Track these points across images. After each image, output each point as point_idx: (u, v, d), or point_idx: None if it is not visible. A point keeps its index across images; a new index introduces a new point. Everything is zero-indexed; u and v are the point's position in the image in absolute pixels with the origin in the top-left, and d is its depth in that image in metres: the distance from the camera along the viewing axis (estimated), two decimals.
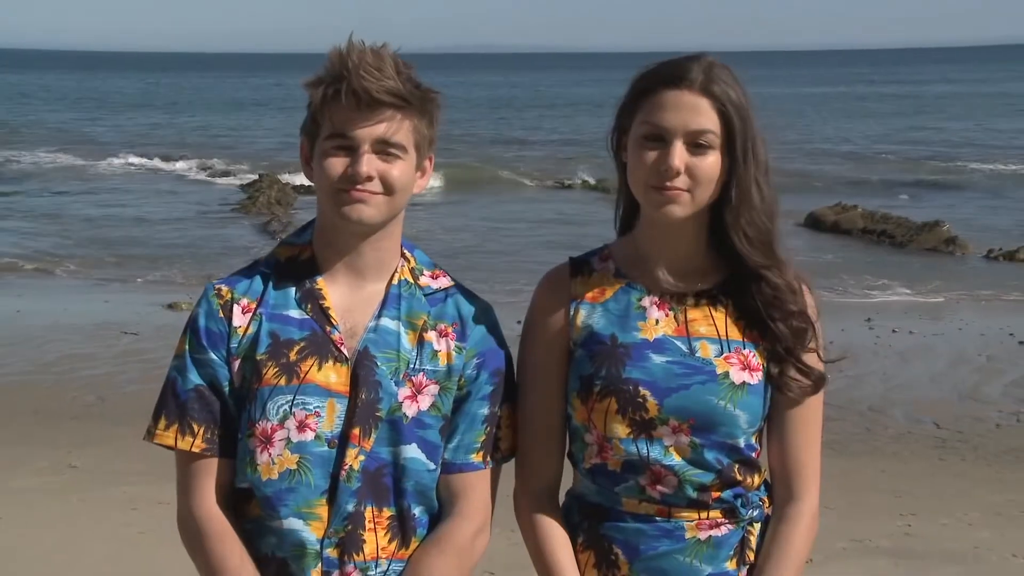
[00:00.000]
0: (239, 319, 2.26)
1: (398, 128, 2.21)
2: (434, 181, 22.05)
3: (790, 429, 2.33)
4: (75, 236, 17.27)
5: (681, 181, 2.20)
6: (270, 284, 2.29)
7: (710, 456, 2.25)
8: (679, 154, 2.19)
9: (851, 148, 31.78)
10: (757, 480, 2.34)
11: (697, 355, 2.27)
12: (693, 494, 2.27)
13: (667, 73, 2.23)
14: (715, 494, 2.28)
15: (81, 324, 10.63)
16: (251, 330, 2.25)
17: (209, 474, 2.25)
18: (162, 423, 2.25)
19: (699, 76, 2.20)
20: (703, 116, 2.20)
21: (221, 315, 2.26)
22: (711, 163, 2.21)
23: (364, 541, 2.24)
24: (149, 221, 19.07)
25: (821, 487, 2.37)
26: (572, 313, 2.33)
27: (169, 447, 2.26)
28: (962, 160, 28.59)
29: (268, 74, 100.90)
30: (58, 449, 7.09)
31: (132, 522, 5.87)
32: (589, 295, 2.34)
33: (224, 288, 2.29)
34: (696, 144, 2.20)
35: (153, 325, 10.49)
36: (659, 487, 2.26)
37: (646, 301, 2.31)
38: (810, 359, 2.30)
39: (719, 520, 2.29)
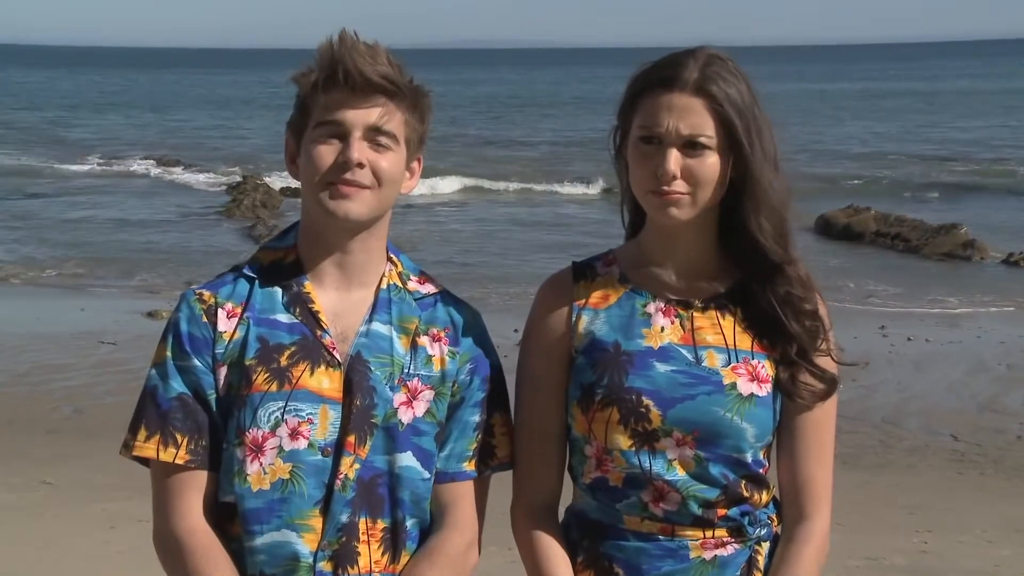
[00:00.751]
0: (224, 324, 2.26)
1: (390, 117, 2.23)
2: (453, 185, 22.10)
3: (801, 444, 2.33)
4: (49, 241, 17.27)
5: (679, 185, 2.22)
6: (255, 288, 2.29)
7: (715, 471, 2.25)
8: (674, 158, 2.21)
9: (866, 148, 31.82)
10: (765, 497, 2.33)
11: (703, 364, 2.27)
12: (698, 511, 2.26)
13: (661, 74, 2.24)
14: (721, 512, 2.28)
15: (56, 333, 10.63)
16: (238, 335, 2.25)
17: (192, 487, 2.23)
18: (142, 434, 2.23)
19: (693, 75, 2.21)
20: (697, 118, 2.21)
21: (205, 320, 2.26)
22: (709, 164, 2.22)
23: (358, 553, 2.24)
24: (128, 225, 19.07)
25: (833, 502, 2.36)
26: (574, 319, 2.34)
27: (150, 459, 2.23)
28: (982, 160, 28.62)
29: (251, 71, 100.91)
30: (32, 464, 7.09)
31: (111, 540, 5.87)
32: (592, 300, 2.35)
33: (206, 293, 2.29)
34: (692, 146, 2.21)
35: (132, 334, 10.49)
36: (662, 504, 2.26)
37: (651, 307, 2.32)
38: (822, 362, 2.31)
39: (725, 539, 2.29)
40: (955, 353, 10.36)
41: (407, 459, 2.26)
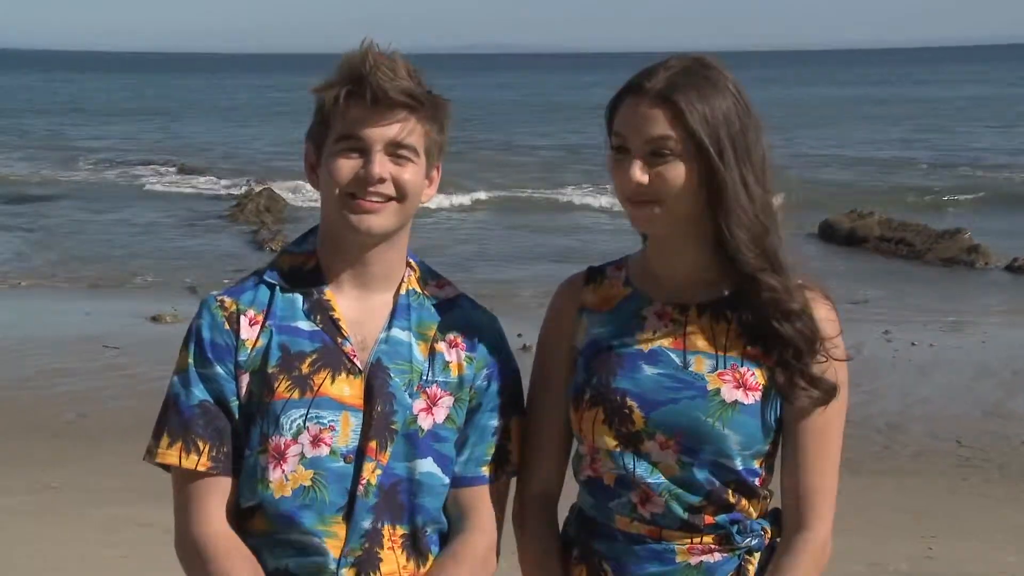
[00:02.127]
0: (247, 332, 2.28)
1: (411, 131, 2.25)
2: (458, 191, 21.38)
3: (802, 452, 2.32)
4: (53, 245, 17.29)
5: (647, 193, 2.22)
6: (276, 295, 2.31)
7: (699, 476, 2.26)
8: (638, 167, 2.22)
9: (870, 153, 31.80)
10: (759, 507, 2.34)
11: (690, 369, 2.28)
12: (683, 515, 2.28)
13: (631, 84, 2.26)
14: (708, 519, 2.29)
15: (60, 337, 10.64)
16: (261, 343, 2.27)
17: (214, 493, 2.26)
18: (164, 441, 2.25)
19: (657, 85, 2.21)
20: (657, 125, 2.20)
21: (227, 327, 2.28)
22: (674, 173, 2.21)
23: (381, 560, 2.27)
24: (132, 229, 19.10)
25: (836, 507, 2.36)
26: (579, 320, 2.39)
27: (172, 466, 2.26)
28: (987, 165, 28.58)
29: (254, 75, 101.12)
30: (35, 468, 7.09)
31: (114, 544, 5.87)
32: (596, 303, 2.40)
33: (227, 300, 2.31)
34: (656, 154, 2.21)
35: (136, 339, 10.50)
36: (648, 506, 2.29)
37: (648, 311, 2.35)
38: (819, 369, 2.29)
39: (712, 546, 2.30)
40: (959, 358, 10.34)
41: (427, 465, 2.29)
